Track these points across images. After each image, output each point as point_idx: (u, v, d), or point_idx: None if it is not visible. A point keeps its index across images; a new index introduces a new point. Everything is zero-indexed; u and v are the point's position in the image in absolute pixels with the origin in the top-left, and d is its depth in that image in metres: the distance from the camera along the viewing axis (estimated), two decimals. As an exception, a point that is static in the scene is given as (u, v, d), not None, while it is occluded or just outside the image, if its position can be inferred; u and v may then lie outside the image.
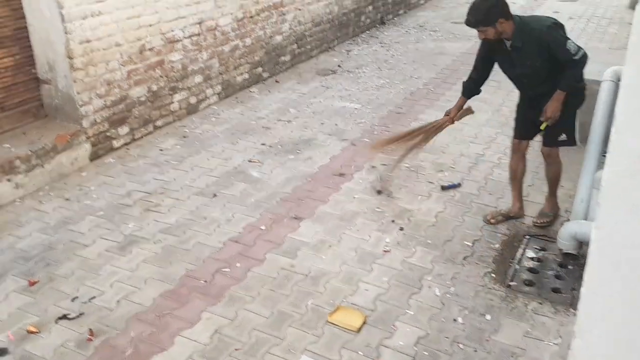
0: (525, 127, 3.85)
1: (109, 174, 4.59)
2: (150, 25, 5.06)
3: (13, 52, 4.37)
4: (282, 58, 7.13)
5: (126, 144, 5.07)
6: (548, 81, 3.55)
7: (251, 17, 6.37)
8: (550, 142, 3.73)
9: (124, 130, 5.02)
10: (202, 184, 4.46)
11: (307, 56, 7.63)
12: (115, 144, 4.96)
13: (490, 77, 3.96)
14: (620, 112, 1.05)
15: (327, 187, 4.43)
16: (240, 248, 3.63)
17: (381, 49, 8.22)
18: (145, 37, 5.04)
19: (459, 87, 4.64)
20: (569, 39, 3.47)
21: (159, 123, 5.41)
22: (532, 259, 3.57)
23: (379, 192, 4.33)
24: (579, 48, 3.42)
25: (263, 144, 5.17)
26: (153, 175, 4.59)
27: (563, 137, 3.66)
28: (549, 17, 3.67)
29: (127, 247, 3.66)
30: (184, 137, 5.32)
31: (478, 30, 3.52)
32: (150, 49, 5.12)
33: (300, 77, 7.04)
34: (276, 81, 6.88)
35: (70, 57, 4.38)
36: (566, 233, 3.40)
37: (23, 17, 4.37)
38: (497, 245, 3.70)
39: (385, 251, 3.62)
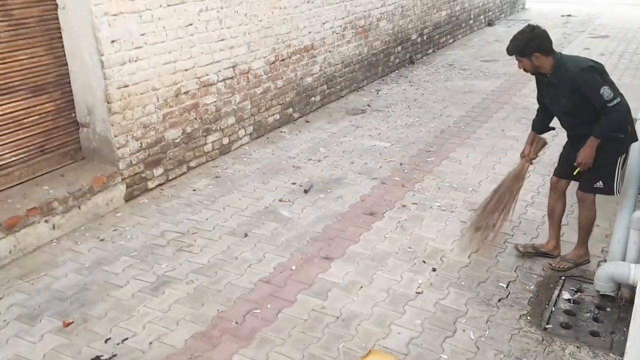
0: (565, 166, 3.80)
1: (143, 215, 4.68)
2: (186, 70, 5.22)
3: (54, 97, 4.55)
4: (313, 98, 7.24)
5: (160, 184, 5.17)
6: (588, 124, 3.49)
7: (283, 60, 6.52)
8: (585, 187, 3.66)
9: (158, 171, 5.13)
10: (234, 223, 4.50)
11: (337, 96, 7.74)
12: (150, 184, 5.07)
13: (521, 114, 3.98)
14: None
15: (358, 226, 4.42)
16: (271, 289, 3.63)
17: (410, 87, 8.28)
18: (181, 81, 5.19)
19: (490, 125, 4.67)
20: (605, 84, 3.38)
21: (192, 164, 5.52)
22: (568, 300, 3.47)
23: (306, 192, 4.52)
24: (616, 96, 3.33)
25: (294, 184, 5.21)
26: (186, 215, 4.66)
27: (599, 184, 3.58)
28: (590, 59, 3.60)
29: (159, 287, 3.69)
30: (217, 177, 5.40)
31: (516, 59, 3.63)
32: (186, 93, 5.27)
33: (330, 116, 7.13)
34: (306, 121, 6.97)
35: (108, 102, 4.53)
36: (603, 274, 3.32)
37: (65, 64, 4.56)
38: (532, 287, 3.61)
39: (417, 292, 3.58)
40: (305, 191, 4.70)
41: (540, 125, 3.96)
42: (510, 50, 3.63)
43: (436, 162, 5.61)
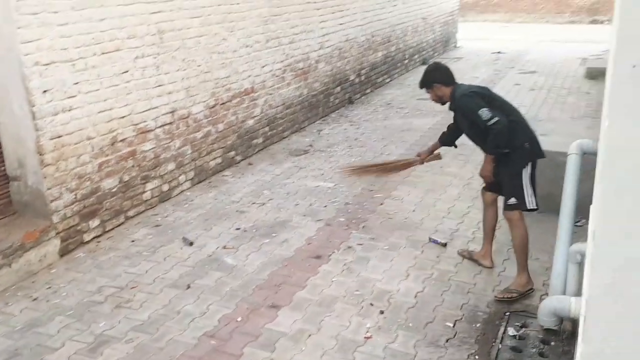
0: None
1: (79, 270, 4.46)
2: (122, 117, 5.10)
3: (-19, 150, 4.34)
4: (255, 141, 7.22)
5: (97, 236, 4.97)
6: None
7: (223, 103, 6.49)
8: (505, 206, 4.00)
9: (94, 223, 4.94)
10: (176, 274, 4.36)
11: (279, 137, 7.75)
12: (86, 237, 4.87)
13: (459, 151, 4.25)
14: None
15: (304, 271, 4.37)
16: (216, 343, 3.50)
17: (351, 127, 8.40)
18: (117, 129, 5.06)
19: (428, 163, 4.77)
20: (484, 106, 3.78)
21: (130, 213, 5.34)
22: (514, 336, 3.51)
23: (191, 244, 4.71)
24: (493, 116, 3.73)
25: (237, 229, 5.13)
26: (124, 268, 4.48)
27: (512, 200, 3.91)
28: (473, 86, 4.11)
29: (97, 348, 3.50)
30: (157, 226, 5.25)
31: (426, 92, 4.19)
32: (122, 140, 5.14)
33: (273, 158, 7.11)
34: (249, 164, 6.92)
35: (40, 153, 4.36)
36: (546, 309, 3.37)
37: (-8, 115, 4.37)
38: (478, 325, 3.64)
39: (366, 337, 3.54)
40: (191, 244, 4.75)
41: (446, 139, 4.46)
42: (419, 84, 4.18)
43: (379, 201, 5.66)
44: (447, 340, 3.48)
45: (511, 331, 3.55)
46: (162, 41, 5.44)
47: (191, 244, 4.69)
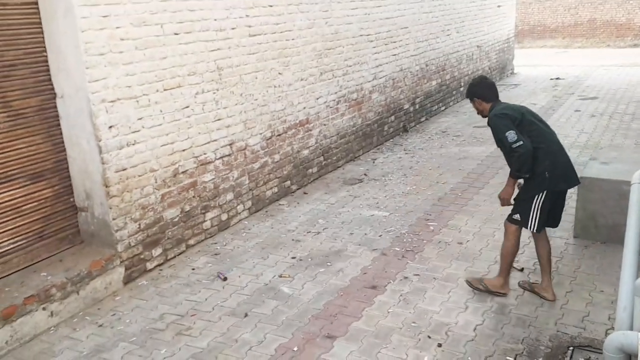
0: None
1: (142, 297, 4.62)
2: (184, 150, 5.30)
3: (53, 183, 4.59)
4: (310, 170, 7.32)
5: (159, 265, 5.14)
6: None
7: (279, 135, 6.63)
8: (508, 216, 4.24)
9: (157, 251, 5.11)
10: (234, 303, 4.44)
11: (333, 167, 7.82)
12: (149, 265, 5.04)
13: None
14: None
15: (360, 301, 4.36)
16: (273, 372, 3.54)
17: (406, 155, 8.38)
18: (179, 161, 5.26)
19: (486, 191, 4.74)
20: (511, 129, 3.90)
21: (191, 242, 5.50)
22: (579, 373, 3.38)
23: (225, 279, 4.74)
24: (519, 140, 3.85)
25: (293, 257, 5.18)
26: (185, 296, 4.60)
27: (517, 217, 4.14)
28: (510, 106, 4.15)
29: (159, 375, 3.60)
30: (216, 254, 5.37)
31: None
32: (184, 172, 5.33)
33: (328, 187, 7.18)
34: (304, 193, 7.01)
35: (106, 185, 4.57)
36: (611, 345, 3.22)
37: (63, 150, 4.64)
38: (540, 359, 3.52)
39: (423, 370, 3.49)
40: (225, 279, 4.82)
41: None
42: (465, 94, 4.44)
43: (436, 231, 5.61)
44: (507, 375, 3.39)
45: (576, 367, 3.42)
46: (220, 77, 5.66)
47: (225, 279, 4.79)
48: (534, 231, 4.11)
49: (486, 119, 4.23)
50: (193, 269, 5.08)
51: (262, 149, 6.37)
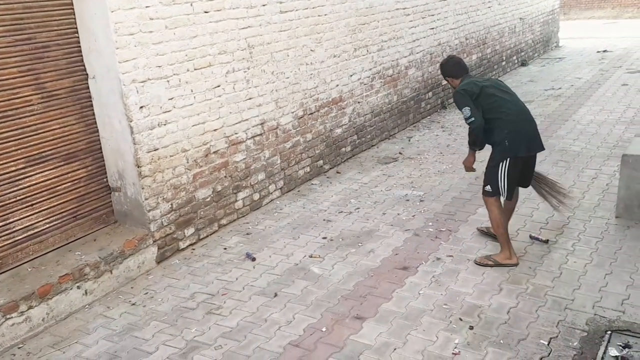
0: None
1: (174, 276, 4.67)
2: (215, 130, 5.29)
3: (86, 163, 4.66)
4: (343, 149, 7.23)
5: (192, 244, 5.18)
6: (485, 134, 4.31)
7: (311, 114, 6.56)
8: (482, 191, 4.43)
9: (189, 231, 5.15)
10: (264, 282, 4.44)
11: (367, 145, 7.71)
12: (182, 245, 5.08)
13: (559, 157, 4.02)
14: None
15: (391, 282, 4.30)
16: (301, 353, 3.52)
17: (443, 133, 8.19)
18: (210, 141, 5.26)
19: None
20: (467, 105, 4.17)
21: (223, 221, 5.52)
22: (615, 358, 3.24)
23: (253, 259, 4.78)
24: (472, 116, 4.16)
25: (324, 238, 5.14)
26: (216, 275, 4.62)
27: (488, 188, 4.34)
28: (473, 81, 4.34)
29: (188, 353, 3.63)
30: (248, 234, 5.38)
31: None
32: (215, 152, 5.33)
33: (362, 166, 7.08)
34: (337, 172, 6.94)
35: (138, 166, 4.61)
36: (654, 331, 3.09)
37: (96, 131, 4.68)
38: (575, 343, 3.40)
39: (454, 354, 3.41)
40: (253, 259, 4.81)
41: None
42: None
43: (471, 211, 5.47)
44: (541, 359, 3.27)
45: (612, 352, 3.28)
46: (251, 55, 5.60)
47: (254, 259, 4.79)
48: (504, 197, 4.35)
49: None
50: (225, 249, 5.10)
51: (293, 128, 6.32)
